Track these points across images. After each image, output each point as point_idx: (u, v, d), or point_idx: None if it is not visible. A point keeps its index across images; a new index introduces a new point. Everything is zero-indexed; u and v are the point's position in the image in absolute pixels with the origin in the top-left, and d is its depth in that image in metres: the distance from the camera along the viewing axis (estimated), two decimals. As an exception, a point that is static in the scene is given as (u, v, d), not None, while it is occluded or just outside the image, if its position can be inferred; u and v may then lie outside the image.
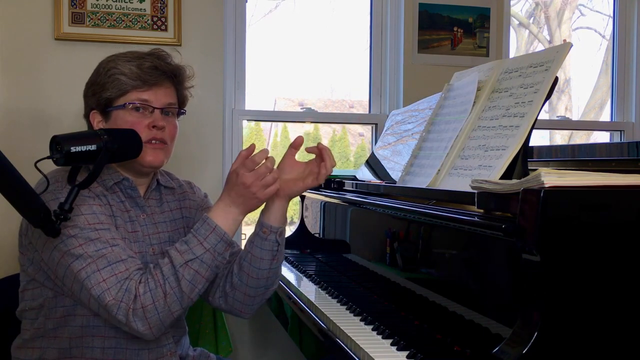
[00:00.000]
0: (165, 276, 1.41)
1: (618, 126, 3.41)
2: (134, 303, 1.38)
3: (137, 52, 1.62)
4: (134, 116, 1.55)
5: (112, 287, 1.39)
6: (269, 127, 3.67)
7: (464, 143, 1.59)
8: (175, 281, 1.41)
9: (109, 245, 1.44)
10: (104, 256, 1.41)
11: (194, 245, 1.44)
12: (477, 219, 1.20)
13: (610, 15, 3.47)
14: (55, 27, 2.57)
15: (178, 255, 1.43)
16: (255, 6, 3.10)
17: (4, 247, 2.48)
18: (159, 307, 1.40)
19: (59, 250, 1.43)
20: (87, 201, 1.48)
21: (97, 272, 1.40)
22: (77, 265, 1.41)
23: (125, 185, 1.59)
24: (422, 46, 3.00)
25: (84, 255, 1.41)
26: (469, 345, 1.26)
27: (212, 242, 1.45)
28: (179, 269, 1.41)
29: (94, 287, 1.39)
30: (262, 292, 1.61)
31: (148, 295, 1.39)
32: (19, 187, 1.29)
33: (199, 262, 1.43)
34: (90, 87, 1.61)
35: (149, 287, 1.40)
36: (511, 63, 1.63)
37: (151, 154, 1.56)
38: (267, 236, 1.57)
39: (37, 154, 1.40)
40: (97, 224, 1.46)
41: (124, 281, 1.40)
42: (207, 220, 1.47)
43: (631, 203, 1.05)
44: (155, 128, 1.56)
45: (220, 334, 2.61)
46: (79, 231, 1.43)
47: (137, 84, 1.56)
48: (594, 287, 1.04)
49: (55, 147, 1.38)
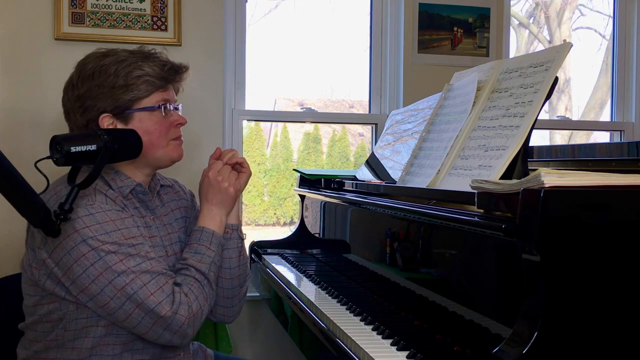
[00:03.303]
0: (201, 282, 1.51)
1: (618, 126, 3.41)
2: (189, 312, 1.45)
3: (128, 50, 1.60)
4: (161, 117, 1.57)
5: (164, 300, 1.43)
6: (269, 127, 3.67)
7: (464, 143, 1.59)
8: (209, 284, 1.53)
9: (147, 259, 1.46)
10: (147, 271, 1.44)
11: (205, 251, 1.55)
12: (477, 219, 1.20)
13: (610, 15, 3.47)
14: (55, 27, 2.57)
15: (200, 264, 1.53)
16: (255, 6, 3.10)
17: (4, 247, 2.48)
18: (205, 310, 1.51)
19: (98, 267, 1.42)
20: (119, 215, 1.48)
21: (144, 287, 1.42)
22: (120, 282, 1.42)
23: (138, 191, 1.59)
24: (422, 46, 3.00)
25: (126, 271, 1.42)
26: (469, 345, 1.26)
27: (216, 245, 1.58)
28: (208, 275, 1.53)
29: (144, 302, 1.42)
30: (237, 291, 1.70)
31: (197, 303, 1.48)
32: (19, 187, 1.29)
33: (215, 265, 1.57)
34: (99, 90, 1.52)
35: (195, 295, 1.48)
36: (511, 63, 1.63)
37: (177, 149, 1.63)
38: (231, 235, 1.67)
39: (37, 154, 1.40)
40: (132, 238, 1.47)
41: (171, 294, 1.45)
42: (204, 229, 1.59)
43: (631, 203, 1.05)
44: (179, 125, 1.63)
45: (220, 334, 2.61)
46: (118, 247, 1.43)
47: (161, 84, 1.57)
48: (594, 287, 1.04)
49: (55, 147, 1.38)
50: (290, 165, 3.52)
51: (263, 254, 2.50)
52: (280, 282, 2.04)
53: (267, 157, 3.63)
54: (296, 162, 3.54)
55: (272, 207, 3.62)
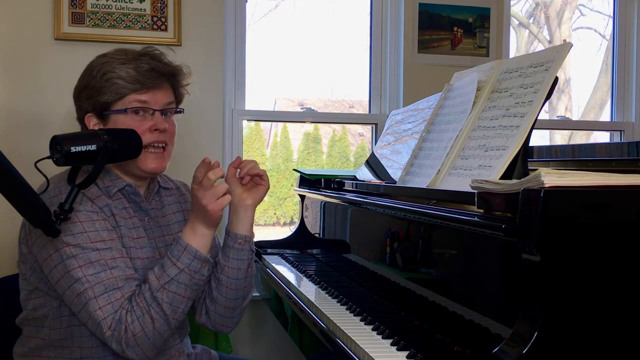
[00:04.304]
0: (148, 302, 1.43)
1: (618, 126, 3.41)
2: (125, 333, 1.40)
3: (129, 50, 1.59)
4: (135, 120, 1.54)
5: (108, 316, 1.40)
6: (269, 127, 3.67)
7: (464, 143, 1.59)
8: (157, 306, 1.43)
9: (108, 267, 1.44)
10: (102, 282, 1.42)
11: (168, 267, 1.46)
12: (477, 219, 1.20)
13: (610, 15, 3.47)
14: (55, 27, 2.57)
15: (155, 280, 1.44)
16: (255, 6, 3.10)
17: (4, 247, 2.48)
18: (149, 333, 1.42)
19: (59, 270, 1.43)
20: (90, 216, 1.47)
21: (94, 300, 1.41)
22: (76, 289, 1.42)
23: (129, 191, 1.58)
24: (422, 46, 3.00)
25: (82, 279, 1.42)
26: (469, 345, 1.26)
27: (186, 261, 1.46)
28: (157, 294, 1.43)
29: (92, 314, 1.41)
30: (240, 303, 1.65)
31: (137, 323, 1.41)
32: (19, 187, 1.29)
33: (175, 283, 1.44)
34: (84, 91, 1.56)
35: (136, 316, 1.41)
36: (511, 63, 1.63)
37: (153, 161, 1.56)
38: (243, 246, 1.61)
39: (37, 154, 1.40)
40: (99, 242, 1.45)
41: (118, 310, 1.41)
42: (179, 240, 1.49)
43: (631, 203, 1.05)
44: (157, 131, 1.55)
45: (220, 334, 2.61)
46: (80, 251, 1.43)
47: (135, 87, 1.53)
48: (594, 287, 1.04)
49: (55, 147, 1.38)
50: (290, 165, 3.51)
51: (263, 254, 2.50)
52: (280, 282, 2.04)
53: (267, 157, 3.63)
54: (296, 162, 3.54)
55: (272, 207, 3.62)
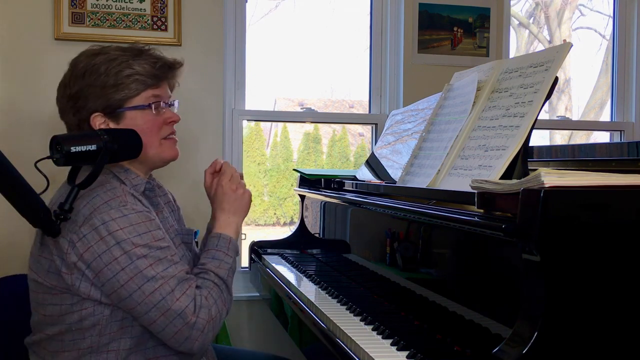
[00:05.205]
0: (219, 286, 1.51)
1: (618, 126, 3.41)
2: (209, 315, 1.45)
3: (125, 47, 1.59)
4: (152, 115, 1.56)
5: (189, 304, 1.42)
6: (269, 127, 3.67)
7: (464, 143, 1.59)
8: (227, 289, 1.53)
9: (173, 263, 1.45)
10: (174, 276, 1.43)
11: (223, 257, 1.56)
12: (477, 219, 1.20)
13: (610, 15, 3.47)
14: (55, 27, 2.57)
15: (219, 269, 1.53)
16: (255, 6, 3.10)
17: (4, 247, 2.48)
18: (223, 315, 1.50)
19: (128, 271, 1.40)
20: (148, 216, 1.46)
21: (171, 294, 1.42)
22: (148, 287, 1.41)
23: (147, 188, 1.60)
24: (422, 46, 3.00)
25: (156, 276, 1.41)
26: (469, 345, 1.26)
27: (233, 252, 1.60)
28: (227, 279, 1.54)
29: (169, 308, 1.41)
30: None
31: (215, 307, 1.47)
32: (19, 187, 1.29)
33: (232, 270, 1.58)
34: (90, 90, 1.52)
35: (214, 299, 1.48)
36: (511, 63, 1.63)
37: (172, 148, 1.62)
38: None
39: (37, 154, 1.40)
40: (160, 240, 1.46)
41: (194, 298, 1.44)
42: (222, 235, 1.60)
43: (631, 203, 1.05)
44: (172, 123, 1.61)
45: (220, 334, 2.61)
46: (149, 250, 1.42)
47: (153, 82, 1.56)
48: (594, 287, 1.04)
49: (55, 147, 1.38)
50: (290, 165, 3.52)
51: (263, 254, 2.50)
52: (280, 282, 2.04)
53: (267, 157, 3.64)
54: (296, 162, 3.54)
55: (272, 207, 3.63)
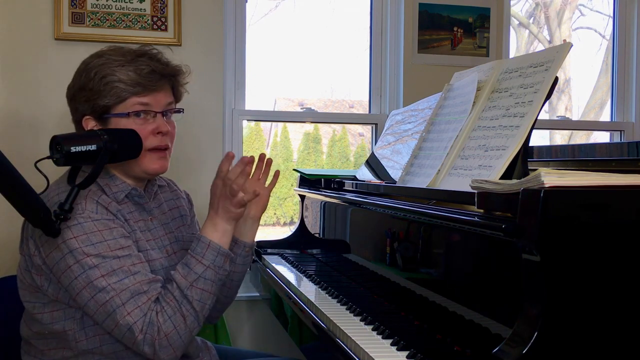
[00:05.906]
0: (178, 301, 1.43)
1: (618, 126, 3.41)
2: (158, 334, 1.40)
3: (126, 50, 1.56)
4: (137, 123, 1.51)
5: (138, 320, 1.40)
6: (269, 127, 3.67)
7: (464, 143, 1.59)
8: (188, 303, 1.44)
9: (130, 274, 1.42)
10: (127, 288, 1.41)
11: (194, 265, 1.47)
12: (477, 219, 1.20)
13: (610, 15, 3.47)
14: (55, 27, 2.57)
15: (182, 279, 1.45)
16: (255, 6, 3.10)
17: (4, 247, 2.48)
18: (181, 331, 1.43)
19: (81, 281, 1.41)
20: (107, 224, 1.45)
21: (122, 307, 1.40)
22: (100, 298, 1.40)
23: (134, 195, 1.57)
24: (422, 46, 3.00)
25: (107, 288, 1.40)
26: (469, 345, 1.26)
27: (210, 258, 1.48)
28: (187, 292, 1.44)
29: (120, 321, 1.40)
30: (230, 300, 1.79)
31: (169, 323, 1.41)
32: (19, 187, 1.29)
33: (202, 280, 1.46)
34: (80, 92, 1.52)
35: (168, 315, 1.42)
36: (511, 63, 1.63)
37: (156, 162, 1.56)
38: (248, 253, 1.72)
39: (37, 154, 1.40)
40: (119, 249, 1.43)
41: (147, 313, 1.41)
42: (201, 238, 1.51)
43: (631, 203, 1.05)
44: (160, 134, 1.54)
45: (220, 333, 2.62)
46: (102, 261, 1.41)
47: (137, 90, 1.51)
48: (594, 287, 1.04)
49: (55, 147, 1.38)
50: (290, 165, 3.51)
51: (263, 254, 2.50)
52: (280, 282, 2.04)
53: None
54: (296, 162, 3.54)
55: (272, 207, 3.62)
